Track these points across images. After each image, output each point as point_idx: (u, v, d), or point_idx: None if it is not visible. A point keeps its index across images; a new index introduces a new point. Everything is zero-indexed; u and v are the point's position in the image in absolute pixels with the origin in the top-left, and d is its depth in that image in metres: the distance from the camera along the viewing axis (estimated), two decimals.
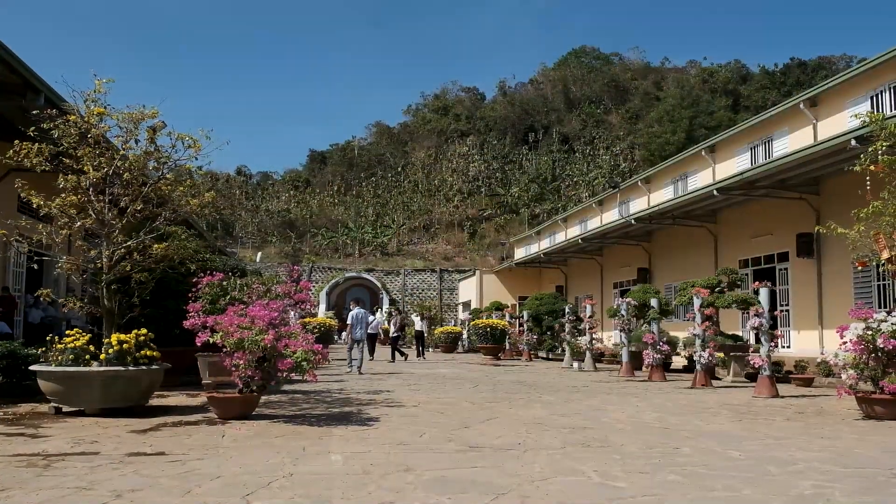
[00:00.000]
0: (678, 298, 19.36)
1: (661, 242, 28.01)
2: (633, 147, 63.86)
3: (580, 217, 41.78)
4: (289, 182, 73.44)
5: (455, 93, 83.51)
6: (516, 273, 42.81)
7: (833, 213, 16.60)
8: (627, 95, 74.78)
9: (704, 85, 69.71)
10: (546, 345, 28.00)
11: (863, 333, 9.91)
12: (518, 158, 67.56)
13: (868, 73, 20.16)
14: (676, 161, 31.47)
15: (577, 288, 36.78)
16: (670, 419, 9.85)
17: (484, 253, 56.90)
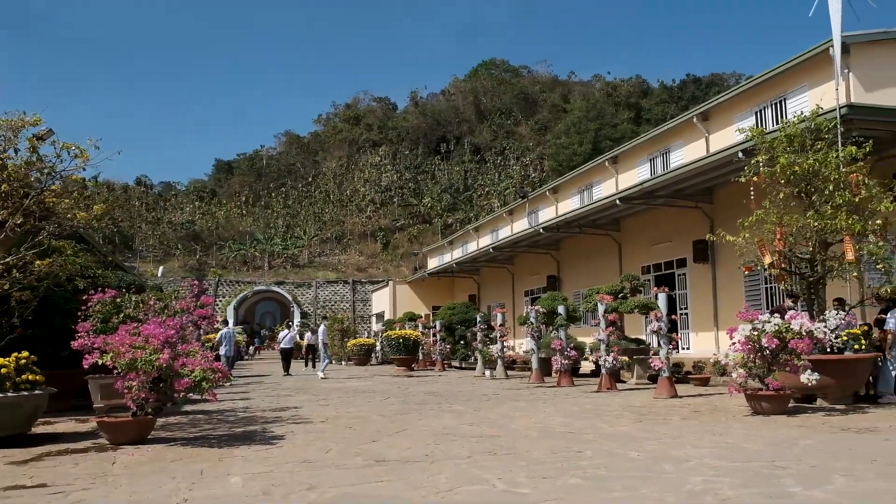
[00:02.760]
0: (584, 305, 19.91)
1: (569, 250, 28.72)
2: (542, 158, 65.23)
3: (492, 226, 42.35)
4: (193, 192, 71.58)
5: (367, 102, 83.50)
6: (430, 283, 43.01)
7: (725, 220, 17.46)
8: (536, 107, 76.40)
9: (609, 98, 71.92)
10: (459, 354, 28.22)
11: (749, 334, 10.48)
12: (430, 168, 68.01)
13: (753, 89, 21.30)
14: (582, 172, 32.36)
15: (490, 296, 37.25)
16: (576, 423, 10.13)
17: (397, 263, 56.96)
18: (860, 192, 11.35)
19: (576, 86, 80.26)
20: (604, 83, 77.76)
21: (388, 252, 58.81)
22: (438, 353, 27.73)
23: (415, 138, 72.79)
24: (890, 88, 17.77)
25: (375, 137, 73.89)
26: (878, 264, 11.54)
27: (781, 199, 11.88)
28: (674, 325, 16.72)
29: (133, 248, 58.52)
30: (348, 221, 61.90)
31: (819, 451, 7.44)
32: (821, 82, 18.13)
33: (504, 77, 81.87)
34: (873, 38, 18.08)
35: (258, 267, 56.25)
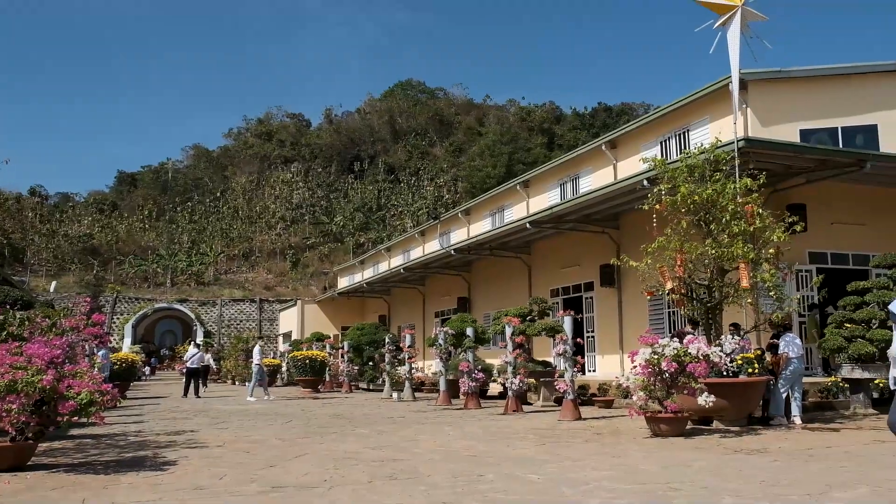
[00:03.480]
0: (493, 327, 20.02)
1: (480, 272, 28.92)
2: (456, 179, 65.77)
3: (404, 247, 42.28)
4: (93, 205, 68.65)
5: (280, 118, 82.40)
6: (339, 303, 42.51)
7: (630, 246, 17.92)
8: (451, 129, 77.12)
9: (523, 123, 73.34)
10: (367, 375, 27.88)
11: (650, 357, 10.72)
12: (343, 187, 67.54)
13: (658, 120, 22.08)
14: (494, 195, 32.73)
15: (401, 317, 37.08)
16: (479, 446, 10.08)
17: (307, 282, 56.10)
18: (755, 221, 11.84)
19: (491, 109, 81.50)
20: (518, 108, 79.25)
21: (297, 271, 57.87)
22: (346, 374, 27.33)
23: (328, 156, 72.20)
24: (784, 124, 18.73)
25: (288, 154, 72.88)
26: (770, 291, 12.02)
27: (682, 227, 12.25)
28: (579, 348, 16.98)
29: (24, 261, 55.46)
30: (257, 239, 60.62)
31: (712, 472, 7.61)
32: (721, 116, 18.91)
33: (420, 98, 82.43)
34: (769, 77, 19.04)
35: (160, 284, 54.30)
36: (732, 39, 13.80)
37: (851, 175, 16.04)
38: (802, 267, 16.65)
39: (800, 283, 16.31)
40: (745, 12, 13.69)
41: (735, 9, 13.63)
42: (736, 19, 13.66)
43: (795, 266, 15.52)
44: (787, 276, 13.08)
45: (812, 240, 16.63)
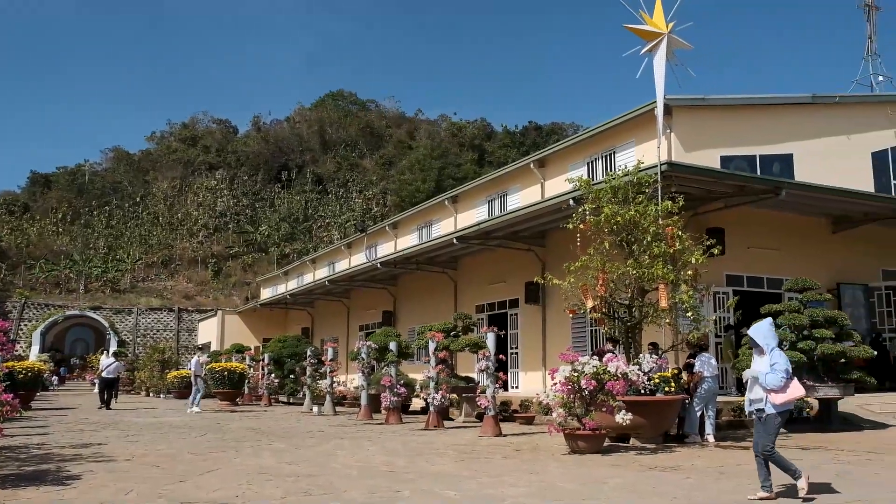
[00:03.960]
0: (416, 342, 19.92)
1: (406, 286, 28.80)
2: (385, 192, 65.54)
3: (329, 259, 41.83)
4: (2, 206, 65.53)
5: (206, 123, 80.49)
6: (261, 314, 41.70)
7: (555, 264, 18.13)
8: (382, 142, 76.90)
9: (454, 138, 73.70)
10: (287, 389, 27.33)
11: (570, 375, 10.82)
12: (270, 196, 66.42)
13: (586, 141, 22.51)
14: (423, 209, 32.72)
15: (324, 330, 36.60)
16: (398, 462, 9.96)
17: (228, 293, 54.83)
18: (675, 244, 12.13)
19: (422, 123, 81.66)
20: (450, 123, 79.62)
21: (219, 280, 56.50)
22: (265, 387, 26.73)
23: (255, 164, 70.93)
24: (706, 150, 19.32)
25: (213, 160, 71.27)
26: (688, 312, 12.31)
27: (605, 247, 12.46)
28: (502, 365, 17.05)
29: None
30: (178, 246, 58.93)
31: (627, 489, 7.70)
32: (646, 139, 19.40)
33: (351, 109, 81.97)
34: (693, 103, 19.64)
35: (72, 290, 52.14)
36: (658, 66, 14.15)
37: (768, 201, 16.66)
38: (720, 289, 17.15)
39: (717, 305, 16.78)
40: (671, 40, 14.07)
41: (662, 36, 13.99)
42: (662, 46, 14.02)
43: (713, 288, 15.96)
44: (704, 298, 13.43)
45: (729, 263, 17.17)
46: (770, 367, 7.06)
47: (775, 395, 7.02)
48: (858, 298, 19.82)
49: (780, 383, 7.00)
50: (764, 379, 7.07)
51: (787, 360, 7.19)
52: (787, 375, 7.05)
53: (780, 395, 7.01)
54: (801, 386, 7.25)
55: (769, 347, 7.18)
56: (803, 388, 7.43)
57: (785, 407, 7.10)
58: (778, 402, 7.03)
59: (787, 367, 7.08)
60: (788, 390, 7.05)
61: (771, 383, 7.02)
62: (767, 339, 7.24)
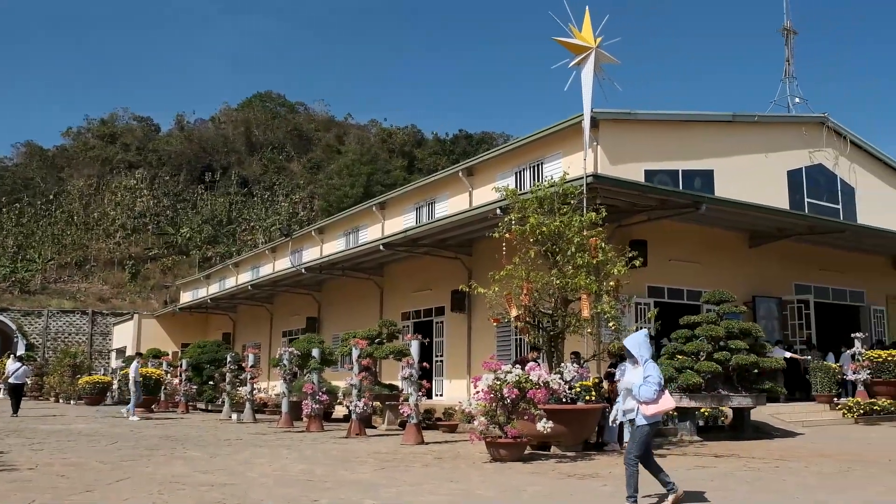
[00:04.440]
0: (340, 348, 19.70)
1: (331, 293, 28.46)
2: (312, 197, 64.69)
3: (253, 263, 41.03)
4: None
5: (126, 120, 77.66)
6: (181, 318, 40.52)
7: (481, 273, 18.14)
8: (310, 145, 75.86)
9: (383, 144, 73.32)
10: (206, 395, 26.62)
11: (492, 383, 10.84)
12: (192, 197, 64.67)
13: (514, 151, 22.71)
14: (350, 214, 32.44)
15: (246, 336, 35.81)
16: (317, 470, 9.78)
17: (147, 296, 53.08)
18: (598, 255, 12.31)
19: (352, 128, 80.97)
20: (380, 129, 79.18)
21: (136, 283, 54.64)
22: (183, 393, 25.95)
23: (177, 164, 68.91)
24: (631, 163, 19.74)
25: (133, 159, 68.91)
26: (609, 322, 12.51)
27: (530, 257, 12.54)
28: (426, 373, 16.97)
29: None
30: (93, 247, 56.69)
31: (545, 496, 7.73)
32: (573, 151, 19.66)
33: (279, 111, 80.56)
34: (619, 117, 20.04)
35: None
36: (586, 79, 14.39)
37: (689, 215, 17.14)
38: (642, 300, 17.52)
39: (638, 315, 17.12)
40: (599, 55, 14.33)
41: (590, 50, 14.23)
42: (590, 60, 14.26)
43: (634, 299, 16.29)
44: (625, 308, 13.68)
45: (651, 275, 17.57)
46: (643, 379, 7.04)
47: (647, 406, 7.01)
48: (772, 311, 20.59)
49: (652, 395, 6.99)
50: (637, 391, 7.06)
51: (660, 372, 7.22)
52: (660, 388, 7.06)
53: (651, 406, 7.01)
54: (671, 398, 7.31)
55: (643, 359, 7.17)
56: (674, 401, 7.45)
57: (655, 419, 7.11)
58: (649, 413, 7.02)
59: (660, 379, 7.11)
60: (660, 402, 7.05)
61: (644, 395, 7.01)
62: (641, 351, 7.23)
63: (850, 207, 24.94)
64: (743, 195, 19.26)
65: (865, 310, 23.18)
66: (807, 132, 24.25)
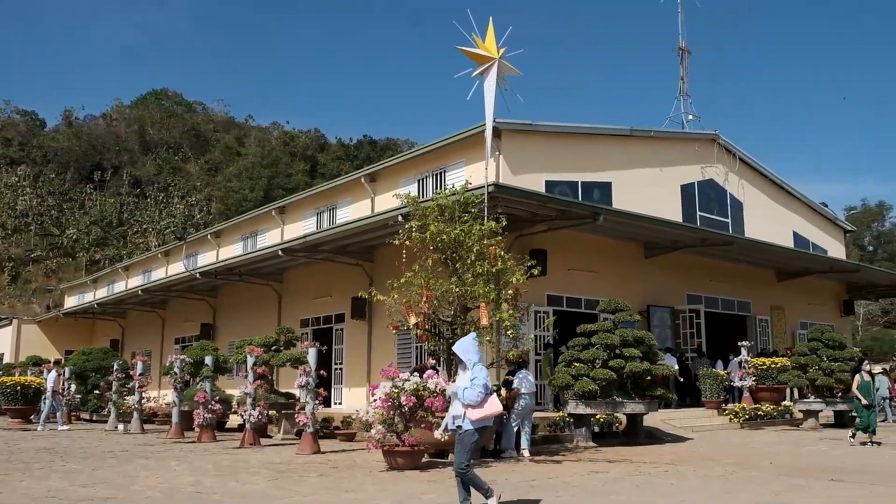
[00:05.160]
0: (235, 356, 19.14)
1: (227, 298, 27.66)
2: (209, 199, 62.88)
3: (145, 266, 39.45)
4: None
5: (8, 113, 73.27)
6: (66, 324, 38.47)
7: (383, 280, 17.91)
8: (208, 146, 73.73)
9: (285, 147, 72.02)
10: (91, 405, 25.31)
11: (390, 391, 10.72)
12: (80, 197, 61.61)
13: (418, 158, 22.72)
14: (248, 218, 31.67)
15: (136, 343, 34.34)
16: (207, 482, 9.41)
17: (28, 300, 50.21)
18: (497, 263, 12.38)
19: (253, 130, 79.19)
20: (282, 132, 77.74)
21: (16, 286, 51.58)
22: (66, 403, 24.56)
23: (64, 161, 65.50)
24: (532, 174, 20.05)
25: (15, 155, 65.04)
26: (507, 330, 12.60)
27: (429, 264, 12.50)
28: (325, 381, 16.67)
29: None
30: None
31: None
32: (476, 160, 19.83)
33: (176, 110, 77.88)
34: (521, 128, 20.33)
35: None
36: (489, 89, 14.48)
37: (587, 226, 17.57)
38: (541, 308, 17.81)
39: (538, 324, 17.38)
40: (502, 65, 14.45)
41: (493, 61, 14.33)
42: (493, 71, 14.36)
43: (533, 307, 16.53)
44: (524, 317, 13.82)
45: (551, 283, 17.90)
46: (469, 382, 6.89)
47: (472, 410, 6.85)
48: (665, 320, 21.36)
49: (477, 398, 6.83)
50: (462, 394, 6.90)
51: (487, 375, 7.06)
52: (486, 391, 6.89)
53: (477, 410, 6.85)
54: (499, 402, 7.12)
55: (471, 363, 7.01)
56: (500, 405, 7.27)
57: (482, 423, 6.96)
58: (475, 417, 6.86)
59: (486, 382, 6.95)
60: (486, 406, 6.88)
61: (468, 398, 6.85)
62: (469, 354, 7.06)
63: (738, 221, 26.20)
64: (639, 207, 19.90)
65: (752, 319, 24.42)
66: (699, 148, 25.34)
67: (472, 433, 6.89)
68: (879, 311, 61.61)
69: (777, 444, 14.66)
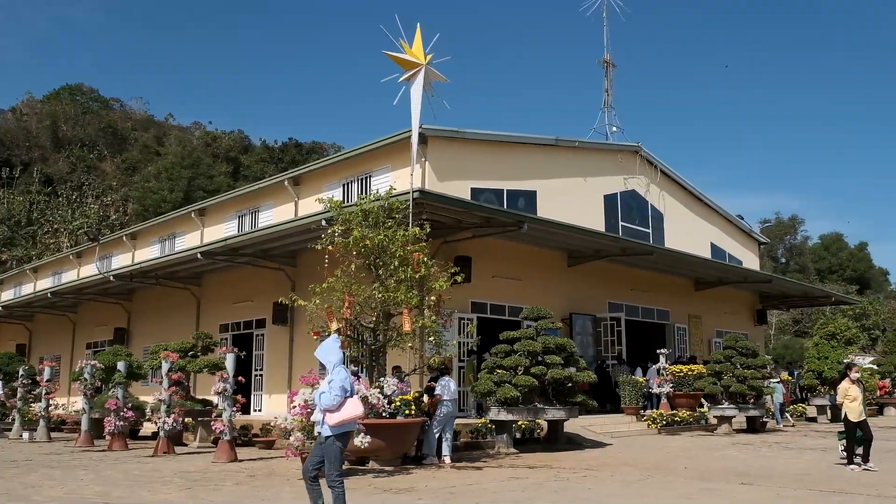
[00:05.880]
0: (149, 361, 18.55)
1: (143, 302, 26.77)
2: (126, 199, 60.78)
3: (55, 268, 37.84)
4: None
5: None
6: None
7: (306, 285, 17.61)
8: (126, 145, 71.28)
9: (207, 148, 70.24)
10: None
11: (309, 398, 10.52)
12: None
13: (343, 163, 22.49)
14: (167, 220, 30.75)
15: (45, 347, 32.85)
16: (115, 492, 9.06)
17: None
18: (421, 269, 12.34)
19: (173, 129, 76.90)
20: (204, 132, 75.79)
21: None
22: None
23: None
24: (458, 181, 20.07)
25: None
26: (430, 336, 12.57)
27: (353, 270, 12.36)
28: (243, 387, 16.29)
29: None
30: None
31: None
32: (402, 166, 19.73)
33: (91, 106, 74.95)
34: (447, 135, 20.33)
35: None
36: (415, 95, 14.46)
37: (512, 234, 17.70)
38: (465, 315, 17.84)
39: (461, 330, 17.40)
40: (429, 72, 14.46)
41: (420, 67, 14.33)
42: (420, 77, 14.35)
43: (456, 314, 16.56)
44: (447, 323, 13.81)
45: (475, 290, 17.95)
46: (327, 386, 6.51)
47: (331, 415, 6.43)
48: (587, 328, 21.70)
49: (333, 402, 6.41)
50: (318, 398, 6.52)
51: (347, 377, 6.63)
52: (344, 393, 6.47)
53: (335, 415, 6.43)
54: (359, 404, 6.69)
55: (332, 365, 6.63)
56: (361, 407, 6.83)
57: (342, 428, 6.52)
58: (332, 422, 6.42)
59: (345, 384, 6.51)
60: (343, 409, 6.45)
61: (325, 402, 6.43)
62: (329, 356, 6.67)
63: (659, 232, 26.88)
64: (563, 216, 20.18)
65: (670, 327, 25.08)
66: (622, 160, 25.91)
67: (333, 441, 6.44)
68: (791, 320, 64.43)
69: (692, 448, 15.05)
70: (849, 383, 11.52)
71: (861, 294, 68.54)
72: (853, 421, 11.26)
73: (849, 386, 11.46)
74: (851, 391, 11.40)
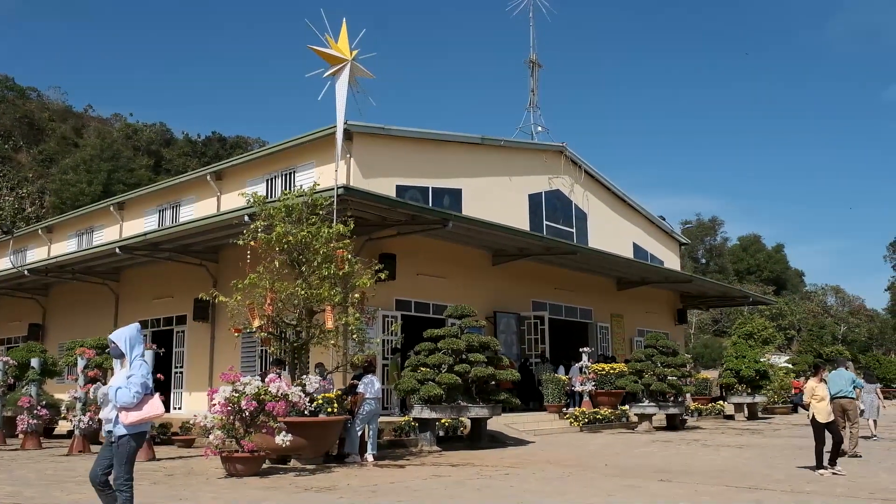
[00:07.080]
0: (65, 358, 18.00)
1: (59, 297, 25.94)
2: (42, 192, 58.53)
3: None
4: None
5: None
6: None
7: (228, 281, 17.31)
8: (43, 136, 68.59)
9: (128, 141, 68.22)
10: None
11: (230, 396, 10.42)
12: None
13: (266, 158, 22.23)
14: (84, 213, 29.83)
15: None
16: (27, 493, 8.85)
17: None
18: (344, 266, 12.33)
19: (92, 121, 74.37)
20: (124, 124, 73.53)
21: None
22: None
23: None
24: (383, 178, 20.08)
25: None
26: (353, 334, 12.58)
27: (275, 266, 12.27)
28: (162, 384, 15.96)
29: None
30: None
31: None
32: (327, 162, 19.62)
33: (7, 95, 71.87)
34: (373, 131, 20.31)
35: None
36: (340, 91, 14.43)
37: (437, 232, 17.82)
38: (389, 313, 17.88)
39: (385, 328, 17.42)
40: (354, 67, 14.46)
41: (345, 62, 14.31)
42: (345, 72, 14.34)
43: (380, 312, 16.58)
44: (371, 321, 13.84)
45: (400, 288, 18.00)
46: (125, 380, 5.87)
47: (127, 413, 5.81)
48: (511, 326, 21.98)
49: (131, 399, 5.79)
50: (114, 394, 5.84)
51: (149, 371, 6.05)
52: (144, 390, 5.89)
53: (133, 413, 5.82)
54: (160, 404, 6.08)
55: (134, 356, 6.01)
56: (163, 407, 6.16)
57: (139, 428, 5.93)
58: (129, 421, 5.81)
59: (146, 380, 5.92)
60: (145, 408, 5.88)
61: (122, 399, 5.79)
62: (132, 347, 6.03)
63: (582, 232, 27.42)
64: (488, 215, 20.41)
65: (593, 326, 25.62)
66: (547, 160, 26.33)
67: (129, 441, 5.84)
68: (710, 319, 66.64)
69: (613, 446, 15.43)
70: (817, 381, 11.15)
71: (777, 295, 71.44)
72: (821, 422, 10.74)
73: (816, 385, 11.05)
74: (819, 390, 10.94)
